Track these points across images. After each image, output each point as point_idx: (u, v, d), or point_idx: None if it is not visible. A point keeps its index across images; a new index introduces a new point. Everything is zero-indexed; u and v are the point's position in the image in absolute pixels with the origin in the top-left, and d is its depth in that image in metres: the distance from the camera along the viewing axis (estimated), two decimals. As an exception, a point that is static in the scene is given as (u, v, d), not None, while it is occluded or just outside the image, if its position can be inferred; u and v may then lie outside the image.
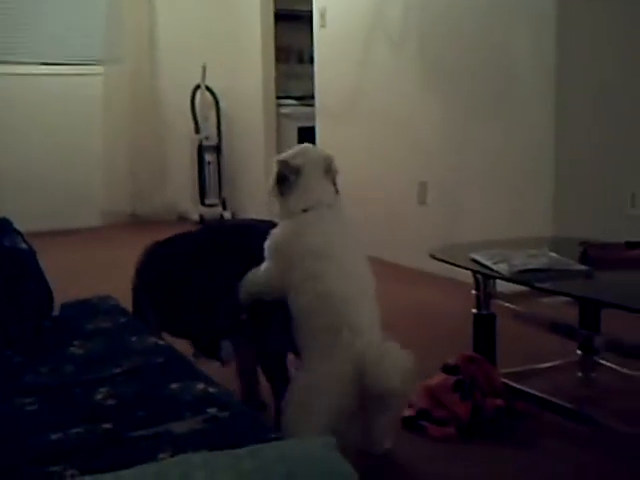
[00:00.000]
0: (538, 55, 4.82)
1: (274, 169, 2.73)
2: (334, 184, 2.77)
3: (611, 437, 2.94)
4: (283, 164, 2.71)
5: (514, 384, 3.24)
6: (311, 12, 7.03)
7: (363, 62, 6.41)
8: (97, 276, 5.70)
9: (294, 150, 2.79)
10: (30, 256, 2.78)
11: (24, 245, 2.78)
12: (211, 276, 2.90)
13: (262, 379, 3.04)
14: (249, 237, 2.85)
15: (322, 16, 6.85)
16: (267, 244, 2.68)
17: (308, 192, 2.68)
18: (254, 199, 7.79)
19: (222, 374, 2.63)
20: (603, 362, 3.50)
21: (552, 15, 4.69)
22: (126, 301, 3.01)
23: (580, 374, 3.52)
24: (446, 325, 4.38)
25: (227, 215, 8.08)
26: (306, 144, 2.87)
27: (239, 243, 2.91)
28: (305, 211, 2.65)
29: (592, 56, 4.80)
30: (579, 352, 3.52)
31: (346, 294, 2.49)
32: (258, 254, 2.71)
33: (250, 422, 1.89)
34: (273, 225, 2.75)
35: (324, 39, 6.89)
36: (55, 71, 7.75)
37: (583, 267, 2.96)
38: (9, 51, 7.63)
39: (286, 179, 2.70)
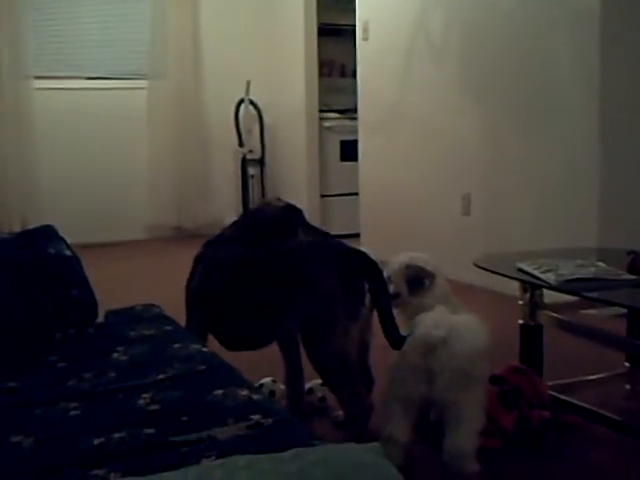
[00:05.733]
0: (581, 64, 4.77)
1: (404, 271, 2.90)
2: None
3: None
4: (419, 269, 2.89)
5: (561, 396, 3.18)
6: (354, 26, 7.04)
7: (405, 75, 6.40)
8: (141, 287, 5.72)
9: (416, 256, 2.96)
10: (75, 263, 2.79)
11: (68, 252, 2.79)
12: (255, 287, 2.90)
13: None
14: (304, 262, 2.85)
15: (365, 29, 6.86)
16: None
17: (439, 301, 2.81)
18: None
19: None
20: (652, 374, 3.44)
21: (596, 24, 4.64)
22: (170, 310, 3.02)
23: (628, 386, 3.46)
24: (491, 336, 4.32)
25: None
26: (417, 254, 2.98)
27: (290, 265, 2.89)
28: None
29: (637, 64, 4.74)
30: (627, 364, 3.46)
31: None
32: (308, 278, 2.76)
33: (294, 429, 1.87)
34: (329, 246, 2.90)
35: (367, 52, 6.89)
36: (100, 85, 7.83)
37: (632, 277, 2.91)
38: (54, 66, 7.72)
39: (421, 282, 2.88)
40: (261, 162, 8.30)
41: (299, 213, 3.20)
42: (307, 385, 3.29)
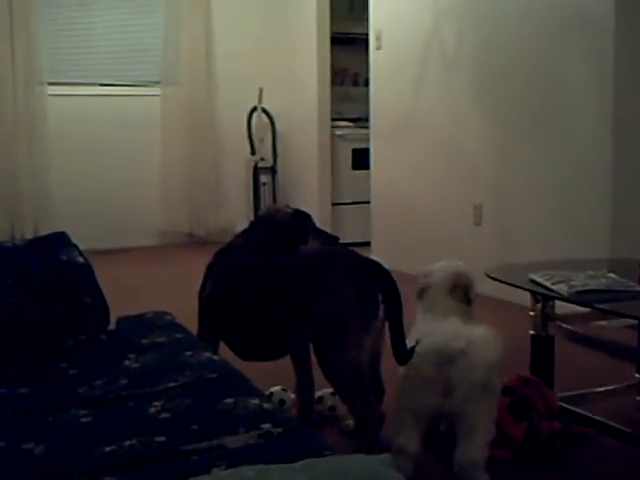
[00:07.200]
0: (595, 71, 4.76)
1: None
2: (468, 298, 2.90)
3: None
4: (420, 278, 2.93)
5: (571, 407, 3.17)
6: (367, 35, 7.05)
7: (418, 84, 6.40)
8: (152, 293, 5.73)
9: (435, 267, 2.94)
10: (87, 270, 2.80)
11: (81, 259, 2.80)
12: (264, 295, 2.90)
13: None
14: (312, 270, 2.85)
15: (378, 38, 6.86)
16: None
17: (431, 311, 2.83)
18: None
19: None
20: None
21: (610, 31, 4.62)
22: (182, 317, 3.02)
23: (639, 398, 3.44)
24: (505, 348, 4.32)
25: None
26: (447, 263, 2.96)
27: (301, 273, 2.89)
28: None
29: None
30: (638, 375, 3.45)
31: None
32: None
33: (304, 438, 1.88)
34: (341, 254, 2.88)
35: (379, 61, 6.90)
36: (113, 92, 7.86)
37: (643, 288, 2.90)
38: (67, 72, 7.75)
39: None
40: (273, 170, 8.30)
41: (308, 218, 3.20)
42: (317, 394, 3.28)
